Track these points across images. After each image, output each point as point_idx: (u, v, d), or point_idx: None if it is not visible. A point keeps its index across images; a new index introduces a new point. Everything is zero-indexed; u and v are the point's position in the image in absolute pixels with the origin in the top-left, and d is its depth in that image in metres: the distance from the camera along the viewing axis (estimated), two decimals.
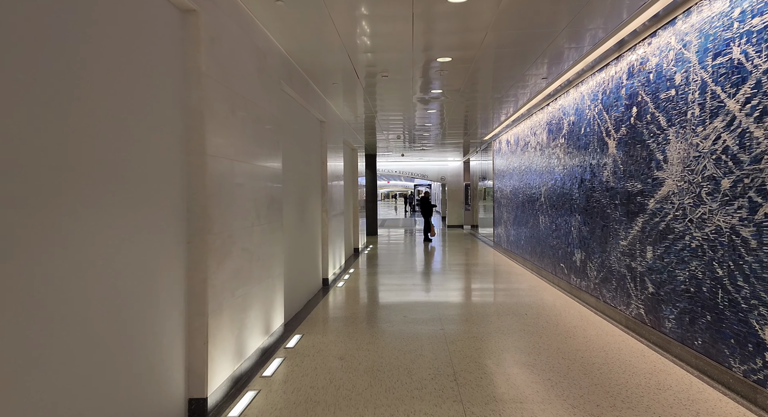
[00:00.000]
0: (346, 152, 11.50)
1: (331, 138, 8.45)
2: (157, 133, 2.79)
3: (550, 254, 8.01)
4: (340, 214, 9.58)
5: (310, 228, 7.09)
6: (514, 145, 10.91)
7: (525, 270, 9.41)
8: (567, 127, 7.13)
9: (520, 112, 9.49)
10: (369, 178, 18.28)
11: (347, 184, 11.58)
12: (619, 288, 5.35)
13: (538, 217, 8.79)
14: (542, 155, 8.50)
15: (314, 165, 7.45)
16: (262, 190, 4.43)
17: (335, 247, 8.81)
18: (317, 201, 7.63)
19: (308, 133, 7.04)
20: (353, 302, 6.78)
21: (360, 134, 12.79)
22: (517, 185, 10.52)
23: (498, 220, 13.04)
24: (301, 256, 6.48)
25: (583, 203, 6.46)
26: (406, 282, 8.29)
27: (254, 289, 4.17)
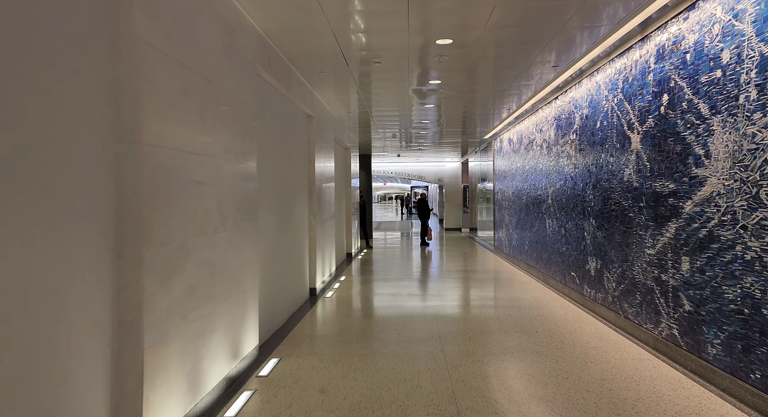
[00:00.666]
0: (338, 151, 10.81)
1: (320, 135, 7.76)
2: (73, 111, 2.09)
3: (559, 261, 7.34)
4: (331, 217, 8.89)
5: (295, 233, 6.39)
6: (516, 143, 10.25)
7: (530, 277, 8.74)
8: (579, 122, 6.46)
9: (524, 108, 8.82)
10: (364, 179, 17.59)
11: (339, 186, 10.89)
12: (644, 303, 4.67)
13: (545, 221, 8.12)
14: (549, 154, 7.83)
15: (300, 164, 6.76)
16: (230, 189, 3.73)
17: (325, 254, 8.11)
18: (304, 203, 6.94)
19: (293, 128, 6.34)
20: (342, 316, 6.08)
21: (353, 133, 12.11)
22: (521, 186, 9.85)
23: (499, 224, 12.37)
24: (284, 265, 5.78)
25: (598, 206, 5.79)
26: (401, 291, 7.59)
27: (218, 308, 3.47)
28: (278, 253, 5.52)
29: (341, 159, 11.36)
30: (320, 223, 7.70)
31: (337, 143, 10.48)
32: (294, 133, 6.39)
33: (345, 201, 11.87)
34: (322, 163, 7.91)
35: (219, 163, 3.52)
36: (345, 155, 11.95)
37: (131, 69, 2.44)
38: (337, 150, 10.49)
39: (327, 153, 8.43)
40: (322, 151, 7.93)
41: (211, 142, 3.38)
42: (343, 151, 11.64)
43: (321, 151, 7.86)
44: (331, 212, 8.80)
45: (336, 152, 10.33)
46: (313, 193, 7.26)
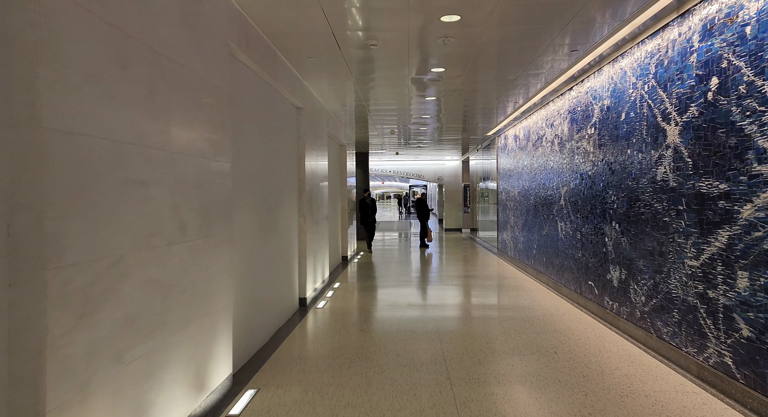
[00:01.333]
0: (333, 148, 10.13)
1: (311, 129, 7.08)
2: None
3: (573, 268, 6.67)
4: (324, 218, 8.22)
5: (283, 237, 5.72)
6: (523, 140, 9.58)
7: (538, 284, 8.08)
8: (598, 115, 5.80)
9: (533, 101, 8.15)
10: (361, 178, 16.93)
11: (334, 185, 10.22)
12: (684, 323, 4.01)
13: (556, 223, 7.46)
14: (562, 150, 7.17)
15: (288, 161, 6.08)
16: (193, 191, 3.06)
17: (317, 259, 7.44)
18: (292, 204, 6.26)
19: (279, 121, 5.66)
20: (334, 331, 5.41)
21: (350, 129, 11.43)
22: (528, 186, 9.19)
23: (503, 225, 11.71)
24: (268, 275, 5.11)
25: (623, 208, 5.13)
26: (399, 301, 6.93)
27: (174, 338, 2.79)
28: (261, 262, 4.85)
29: (336, 156, 10.69)
30: (312, 225, 7.03)
31: (331, 139, 9.80)
32: (281, 126, 5.72)
33: (340, 201, 11.20)
34: (313, 161, 7.23)
35: (176, 158, 2.84)
36: (340, 153, 11.28)
37: (25, 23, 1.76)
38: (331, 147, 9.82)
39: (319, 149, 7.76)
40: (314, 148, 7.25)
41: (163, 132, 2.70)
42: (338, 149, 10.97)
43: (313, 147, 7.18)
44: (324, 213, 8.13)
45: (330, 149, 9.66)
46: (304, 193, 6.58)
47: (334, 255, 10.16)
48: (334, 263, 10.02)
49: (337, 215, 10.80)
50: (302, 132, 6.57)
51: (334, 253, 10.16)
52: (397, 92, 7.58)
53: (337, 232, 10.66)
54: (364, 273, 9.64)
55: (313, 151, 7.20)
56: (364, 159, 17.05)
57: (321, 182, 7.90)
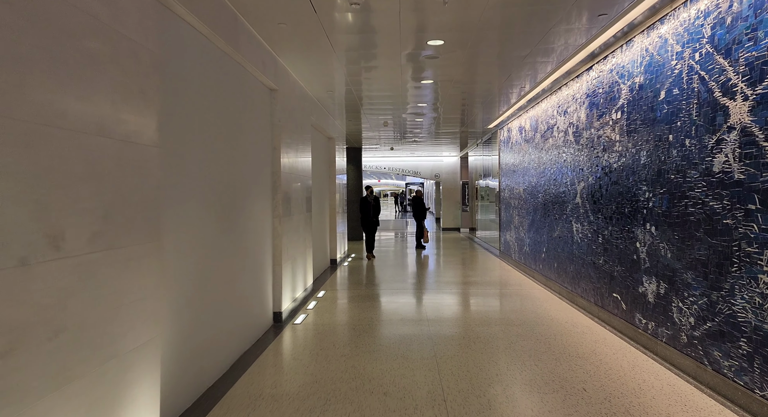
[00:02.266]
0: (319, 141, 9.17)
1: (289, 116, 6.13)
2: None
3: (593, 277, 5.75)
4: (308, 219, 7.26)
5: (249, 243, 4.76)
6: (530, 131, 8.64)
7: (549, 293, 7.15)
8: (627, 95, 4.87)
9: (542, 87, 7.22)
10: (353, 175, 15.97)
11: (321, 181, 9.26)
12: (758, 357, 3.08)
13: (571, 225, 6.53)
14: (578, 140, 6.23)
15: (258, 151, 5.13)
16: (81, 182, 2.11)
17: (297, 266, 6.49)
18: (264, 203, 5.31)
19: (245, 102, 4.71)
20: (309, 358, 4.46)
21: (339, 120, 10.47)
22: (536, 182, 8.25)
23: (506, 225, 10.77)
24: (228, 289, 4.15)
25: (662, 207, 4.20)
26: (391, 314, 5.99)
27: (31, 412, 1.84)
28: (218, 273, 3.90)
29: (323, 150, 9.73)
30: (290, 227, 6.07)
31: (316, 131, 8.84)
32: (248, 109, 4.76)
33: (329, 199, 10.25)
34: (293, 153, 6.27)
35: (42, 134, 1.89)
36: (328, 147, 10.32)
37: None
38: (317, 139, 8.86)
39: (300, 141, 6.80)
40: (293, 138, 6.30)
41: (14, 92, 1.74)
42: (325, 142, 10.01)
43: (292, 137, 6.22)
44: (307, 213, 7.17)
45: (316, 142, 8.70)
46: (280, 190, 5.63)
47: (321, 259, 9.21)
48: (320, 268, 9.07)
49: (325, 215, 9.84)
50: (277, 118, 5.60)
51: (321, 257, 9.21)
52: (390, 75, 6.62)
53: (324, 233, 9.70)
54: (354, 279, 8.69)
55: (292, 142, 6.24)
56: (357, 155, 16.09)
57: (304, 178, 6.95)
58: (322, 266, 9.35)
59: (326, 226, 9.91)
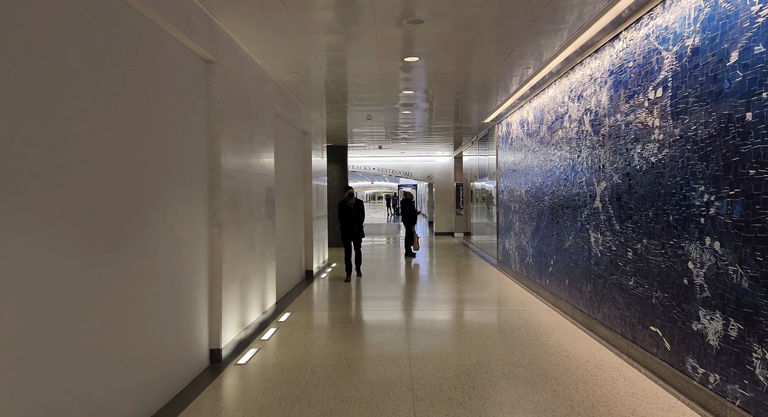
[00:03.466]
0: (290, 136, 7.92)
1: (238, 99, 4.89)
2: None
3: (620, 303, 4.53)
4: (270, 226, 6.02)
5: (161, 262, 3.51)
6: (534, 123, 7.44)
7: (560, 317, 5.93)
8: (673, 65, 3.66)
9: (549, 69, 6.02)
10: (338, 175, 14.73)
11: (292, 182, 8.01)
12: None
13: (588, 234, 5.31)
14: (597, 130, 5.03)
15: (183, 140, 3.88)
16: None
17: (250, 286, 5.23)
18: (195, 206, 4.05)
19: (150, 66, 3.46)
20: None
21: (317, 112, 9.23)
22: (541, 183, 7.04)
23: (504, 231, 9.56)
24: (110, 332, 2.90)
25: (732, 215, 2.99)
26: (367, 348, 4.75)
27: None
28: (85, 313, 2.64)
29: (296, 147, 8.48)
30: (239, 239, 4.83)
31: (286, 122, 7.59)
32: (159, 77, 3.51)
33: (303, 203, 9.00)
34: (245, 147, 5.04)
35: None
36: (303, 143, 9.07)
37: None
38: (286, 133, 7.61)
39: (258, 132, 5.55)
40: (244, 128, 5.05)
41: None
42: (298, 137, 8.76)
43: (242, 126, 4.98)
44: (267, 220, 5.92)
45: (284, 136, 7.45)
46: (221, 191, 4.38)
47: (292, 272, 7.95)
48: (290, 283, 7.82)
49: (299, 220, 8.59)
50: (217, 100, 4.36)
51: (292, 270, 7.96)
52: (371, 53, 5.40)
53: (298, 241, 8.45)
54: (330, 295, 7.44)
55: (243, 132, 5.00)
56: (343, 153, 14.86)
57: (263, 178, 5.70)
58: (294, 280, 8.10)
59: (300, 234, 8.66)
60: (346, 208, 8.66)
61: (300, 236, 8.65)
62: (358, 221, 8.68)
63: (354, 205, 8.63)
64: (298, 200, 8.61)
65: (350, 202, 8.64)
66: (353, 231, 8.64)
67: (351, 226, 8.61)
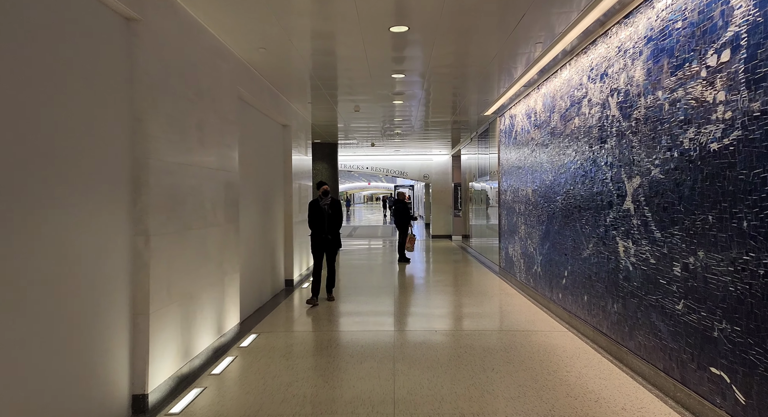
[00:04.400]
0: (264, 128, 6.92)
1: (178, 73, 3.90)
2: None
3: (663, 331, 3.55)
4: (228, 233, 5.03)
5: (52, 283, 2.53)
6: (543, 112, 6.46)
7: (579, 340, 4.94)
8: (749, 16, 2.68)
9: (563, 45, 5.06)
10: (328, 174, 13.76)
11: (268, 181, 7.02)
12: None
13: (615, 242, 4.33)
14: (629, 114, 4.04)
15: (80, 113, 2.89)
16: None
17: (199, 307, 4.23)
18: (113, 209, 3.06)
19: (36, 18, 2.47)
20: None
21: (300, 104, 8.24)
22: (552, 181, 6.07)
23: (507, 235, 8.57)
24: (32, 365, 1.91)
25: None
26: (337, 392, 3.76)
27: None
28: None
29: (273, 141, 7.49)
30: (181, 249, 3.84)
31: (256, 110, 6.60)
32: (37, 33, 2.53)
33: (283, 205, 8.01)
34: (190, 133, 4.05)
35: None
36: (282, 137, 8.09)
37: None
38: (258, 122, 6.62)
39: (213, 116, 4.56)
40: (190, 107, 4.07)
41: None
42: (277, 130, 7.77)
43: (184, 107, 3.99)
44: (228, 225, 4.93)
45: (257, 127, 6.46)
46: (149, 188, 3.38)
47: (266, 283, 6.95)
48: (263, 295, 6.82)
49: (277, 224, 7.60)
50: (143, 69, 3.36)
51: (265, 281, 6.96)
52: (343, 13, 4.42)
53: (276, 248, 7.46)
54: (309, 310, 6.43)
55: (187, 114, 4.01)
56: (333, 151, 13.89)
57: (221, 174, 4.72)
58: (268, 292, 7.10)
59: (278, 239, 7.66)
60: (318, 210, 6.82)
61: (278, 242, 7.66)
62: (333, 227, 6.86)
63: (329, 206, 6.84)
64: (276, 202, 7.61)
65: (324, 202, 6.84)
66: (326, 239, 6.81)
67: (324, 233, 6.79)
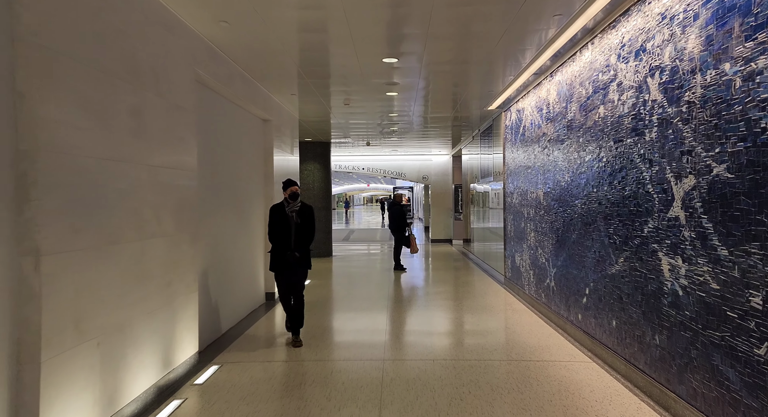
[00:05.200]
0: (235, 119, 6.05)
1: (79, 24, 3.03)
2: None
3: (736, 382, 2.67)
4: (179, 244, 4.16)
5: None
6: (558, 103, 5.58)
7: (608, 374, 4.06)
8: None
9: (584, 20, 4.20)
10: (320, 176, 12.89)
11: (240, 181, 6.15)
12: None
13: (658, 260, 3.45)
14: (677, 98, 3.16)
15: None
16: None
17: (134, 343, 3.35)
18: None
19: None
20: None
21: (283, 96, 7.36)
22: (568, 182, 5.19)
23: (514, 242, 7.69)
24: None
25: None
26: None
27: None
28: None
29: (251, 137, 6.62)
30: (99, 270, 2.97)
31: (226, 100, 5.72)
32: None
33: (264, 208, 7.14)
34: (120, 117, 3.18)
35: None
36: (263, 132, 7.21)
37: None
38: (228, 114, 5.75)
39: (155, 98, 3.69)
40: (117, 86, 3.20)
41: None
42: (255, 125, 6.89)
43: (109, 82, 3.12)
44: (177, 234, 4.06)
45: (224, 117, 5.59)
46: (39, 190, 2.52)
47: (239, 299, 6.07)
48: (235, 313, 5.93)
49: (253, 232, 6.72)
50: (26, 25, 2.49)
51: (239, 297, 6.07)
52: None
53: (251, 259, 6.58)
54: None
55: (112, 94, 3.14)
56: (325, 150, 13.02)
57: (170, 173, 3.85)
58: (243, 309, 6.21)
59: (256, 248, 6.78)
60: (283, 218, 5.01)
61: (256, 251, 6.78)
62: (301, 241, 5.03)
63: (298, 213, 5.04)
64: (254, 206, 6.74)
65: (291, 207, 5.03)
66: (292, 257, 4.95)
67: (289, 249, 4.97)
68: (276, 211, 5.10)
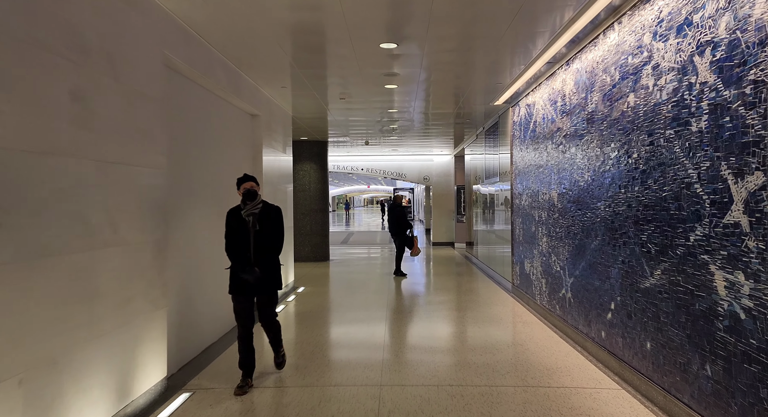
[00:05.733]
0: (218, 112, 5.47)
1: (28, 5, 2.46)
2: None
3: None
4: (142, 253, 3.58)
5: None
6: (576, 94, 5.00)
7: (644, 407, 3.47)
8: None
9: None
10: (316, 176, 12.32)
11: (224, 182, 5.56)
12: None
13: (710, 274, 2.87)
14: (736, 78, 2.57)
15: None
16: None
17: (78, 374, 2.77)
18: None
19: None
20: None
21: (270, 85, 6.79)
22: (588, 183, 4.60)
23: (523, 247, 7.10)
24: None
25: None
26: None
27: None
28: None
29: (238, 133, 6.03)
30: (22, 290, 2.39)
31: (204, 89, 5.14)
32: None
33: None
34: (60, 102, 2.60)
35: None
36: (252, 128, 6.64)
37: None
38: (209, 106, 5.17)
39: (112, 83, 3.12)
40: (57, 65, 2.62)
41: None
42: (242, 120, 6.31)
43: (41, 59, 2.55)
44: (139, 243, 3.48)
45: (202, 110, 5.01)
46: None
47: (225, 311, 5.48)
48: (217, 329, 5.35)
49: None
50: None
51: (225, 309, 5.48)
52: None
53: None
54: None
55: (44, 76, 2.57)
56: (322, 150, 12.45)
57: (130, 171, 3.28)
58: (224, 326, 5.61)
59: None
60: (240, 223, 3.91)
61: None
62: (263, 253, 3.91)
63: (257, 216, 3.91)
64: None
65: (248, 210, 3.91)
66: (252, 274, 3.81)
67: (248, 263, 3.86)
68: (232, 215, 3.96)
